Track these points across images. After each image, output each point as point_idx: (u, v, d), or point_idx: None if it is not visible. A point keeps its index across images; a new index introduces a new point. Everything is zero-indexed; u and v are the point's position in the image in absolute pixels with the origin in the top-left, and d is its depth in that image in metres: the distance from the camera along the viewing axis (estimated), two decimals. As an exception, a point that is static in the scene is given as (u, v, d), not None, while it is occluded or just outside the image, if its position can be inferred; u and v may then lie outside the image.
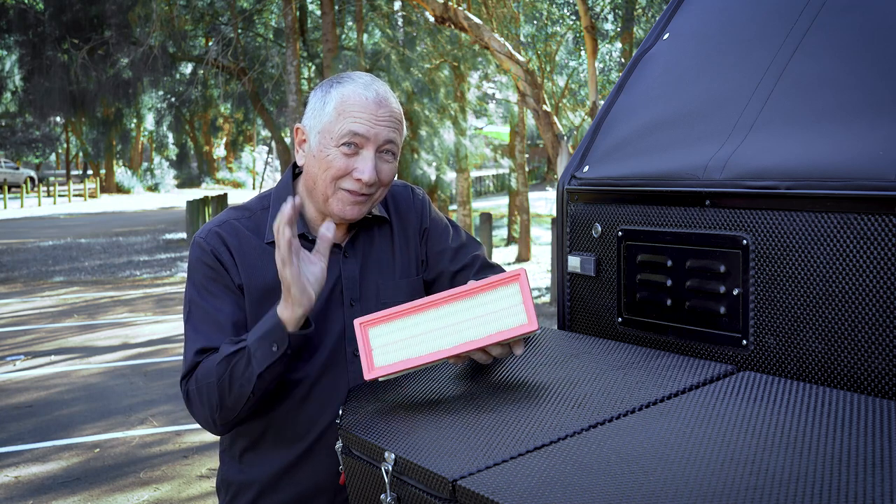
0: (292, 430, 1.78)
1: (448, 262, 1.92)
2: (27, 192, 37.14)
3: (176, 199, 36.67)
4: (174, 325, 9.74)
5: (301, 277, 1.59)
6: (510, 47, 9.72)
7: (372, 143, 1.72)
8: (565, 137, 9.69)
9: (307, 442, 1.79)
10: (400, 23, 19.05)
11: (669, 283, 1.71)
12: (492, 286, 1.55)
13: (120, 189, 41.84)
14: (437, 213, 2.00)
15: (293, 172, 1.88)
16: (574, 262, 1.94)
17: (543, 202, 26.45)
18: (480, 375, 1.66)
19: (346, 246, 1.83)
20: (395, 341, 1.58)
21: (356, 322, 1.61)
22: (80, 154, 45.40)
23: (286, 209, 1.54)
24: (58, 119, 36.05)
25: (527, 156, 23.34)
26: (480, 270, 1.92)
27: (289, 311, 1.62)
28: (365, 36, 19.29)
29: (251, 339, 1.66)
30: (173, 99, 28.96)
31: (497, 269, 1.95)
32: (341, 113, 1.71)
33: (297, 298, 1.60)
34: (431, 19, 11.95)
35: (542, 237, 19.66)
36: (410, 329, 1.58)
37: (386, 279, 1.86)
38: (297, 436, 1.79)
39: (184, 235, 20.52)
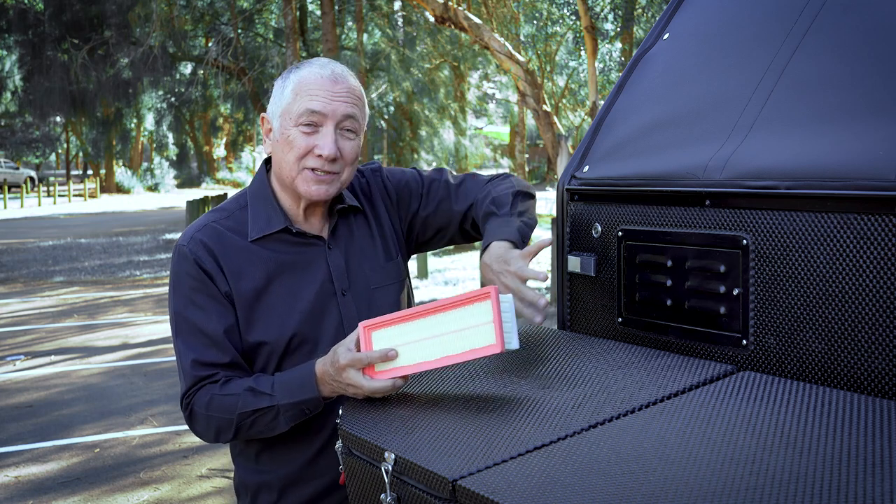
0: (305, 426, 1.78)
1: (444, 217, 1.98)
2: (27, 192, 37.14)
3: (176, 199, 36.66)
4: (174, 325, 9.73)
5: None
6: (510, 47, 9.72)
7: (330, 119, 1.73)
8: (565, 137, 9.69)
9: (323, 436, 1.79)
10: (400, 23, 19.06)
11: (669, 283, 1.71)
12: (468, 302, 1.55)
13: (120, 189, 41.82)
14: (392, 176, 2.00)
15: (266, 168, 1.89)
16: (574, 262, 1.94)
17: (543, 202, 26.44)
18: (480, 375, 1.66)
19: (328, 238, 1.85)
20: (394, 347, 1.59)
21: (360, 325, 1.62)
22: (80, 154, 45.39)
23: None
24: (58, 119, 36.07)
25: (527, 156, 23.34)
26: (464, 191, 1.99)
27: (333, 393, 1.67)
28: (365, 36, 19.29)
29: (283, 398, 1.68)
30: (173, 99, 28.96)
31: (479, 177, 2.03)
32: (298, 93, 1.73)
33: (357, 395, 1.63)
34: (431, 19, 11.95)
35: (542, 237, 19.64)
36: (407, 335, 1.59)
37: (372, 264, 1.88)
38: (311, 432, 1.79)
39: (184, 235, 20.48)
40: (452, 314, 1.56)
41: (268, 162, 1.88)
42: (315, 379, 1.66)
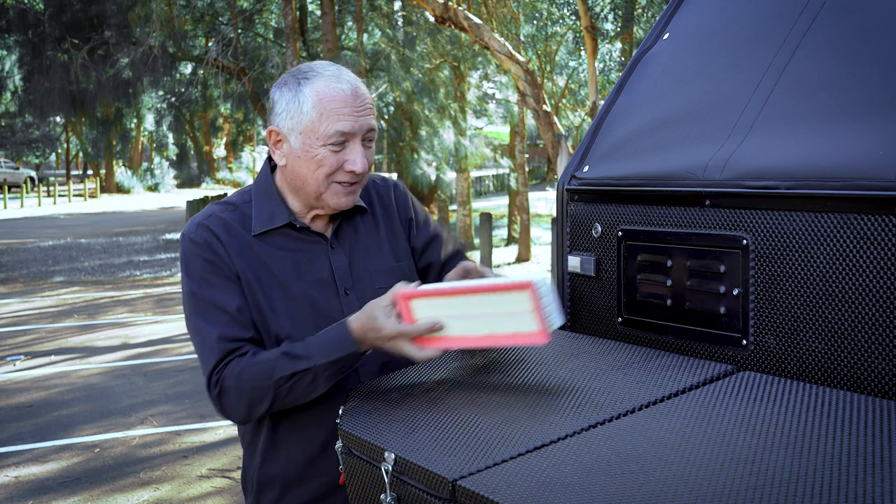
0: (308, 422, 1.79)
1: (435, 253, 2.00)
2: (27, 192, 37.12)
3: (176, 199, 36.65)
4: (174, 325, 9.74)
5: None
6: (510, 47, 9.72)
7: (358, 134, 1.75)
8: (565, 137, 9.70)
9: (325, 432, 1.79)
10: (400, 23, 19.05)
11: (669, 283, 1.71)
12: (506, 289, 1.57)
13: (120, 189, 41.80)
14: (418, 204, 2.05)
15: (270, 166, 1.89)
16: (574, 262, 1.94)
17: (543, 202, 26.45)
18: (480, 375, 1.66)
19: (331, 237, 1.85)
20: (438, 318, 1.62)
21: (397, 295, 1.64)
22: (80, 154, 45.40)
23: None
24: (58, 119, 36.06)
25: (527, 156, 23.34)
26: (452, 257, 2.02)
27: (371, 349, 1.69)
28: (365, 36, 19.29)
29: (319, 360, 1.68)
30: (173, 99, 28.97)
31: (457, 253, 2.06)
32: (322, 112, 1.73)
33: (397, 353, 1.66)
34: (431, 19, 11.95)
35: (542, 237, 19.65)
36: (447, 309, 1.61)
37: (377, 265, 1.89)
38: (314, 427, 1.80)
39: (184, 235, 20.46)
40: (492, 297, 1.58)
41: (271, 159, 1.88)
42: (352, 336, 1.67)
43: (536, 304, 1.53)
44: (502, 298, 1.57)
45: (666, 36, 2.01)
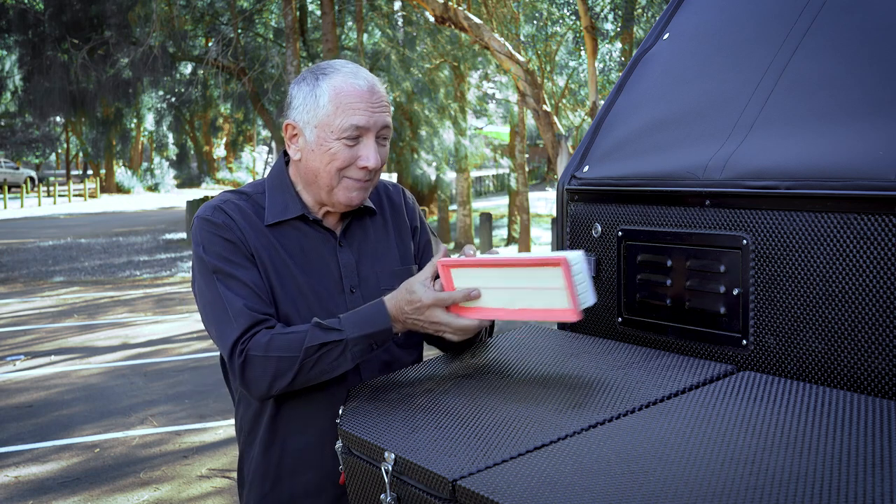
0: (306, 414, 1.79)
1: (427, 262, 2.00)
2: (27, 192, 37.11)
3: (176, 199, 36.66)
4: (174, 325, 9.74)
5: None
6: (510, 47, 9.73)
7: (372, 130, 1.77)
8: (565, 137, 9.70)
9: (323, 424, 1.79)
10: (400, 23, 19.06)
11: (669, 283, 1.71)
12: (539, 264, 1.59)
13: (120, 189, 41.81)
14: (424, 218, 2.08)
15: (284, 160, 1.90)
16: (574, 262, 1.94)
17: (543, 202, 26.47)
18: (480, 375, 1.66)
19: (339, 236, 1.86)
20: (474, 287, 1.63)
21: (438, 263, 1.66)
22: (80, 154, 45.39)
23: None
24: (58, 119, 36.06)
25: (527, 156, 23.35)
26: None
27: (405, 329, 1.70)
28: (365, 36, 19.29)
29: (352, 333, 1.68)
30: (173, 99, 28.98)
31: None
32: (338, 106, 1.75)
33: (441, 331, 1.68)
34: (431, 19, 11.96)
35: (542, 237, 19.65)
36: (484, 280, 1.63)
37: (384, 266, 1.90)
38: (312, 420, 1.80)
39: (184, 235, 20.51)
40: (527, 272, 1.59)
41: (286, 153, 1.89)
42: (387, 312, 1.68)
43: (569, 282, 1.54)
44: (536, 273, 1.58)
45: (666, 36, 2.01)
